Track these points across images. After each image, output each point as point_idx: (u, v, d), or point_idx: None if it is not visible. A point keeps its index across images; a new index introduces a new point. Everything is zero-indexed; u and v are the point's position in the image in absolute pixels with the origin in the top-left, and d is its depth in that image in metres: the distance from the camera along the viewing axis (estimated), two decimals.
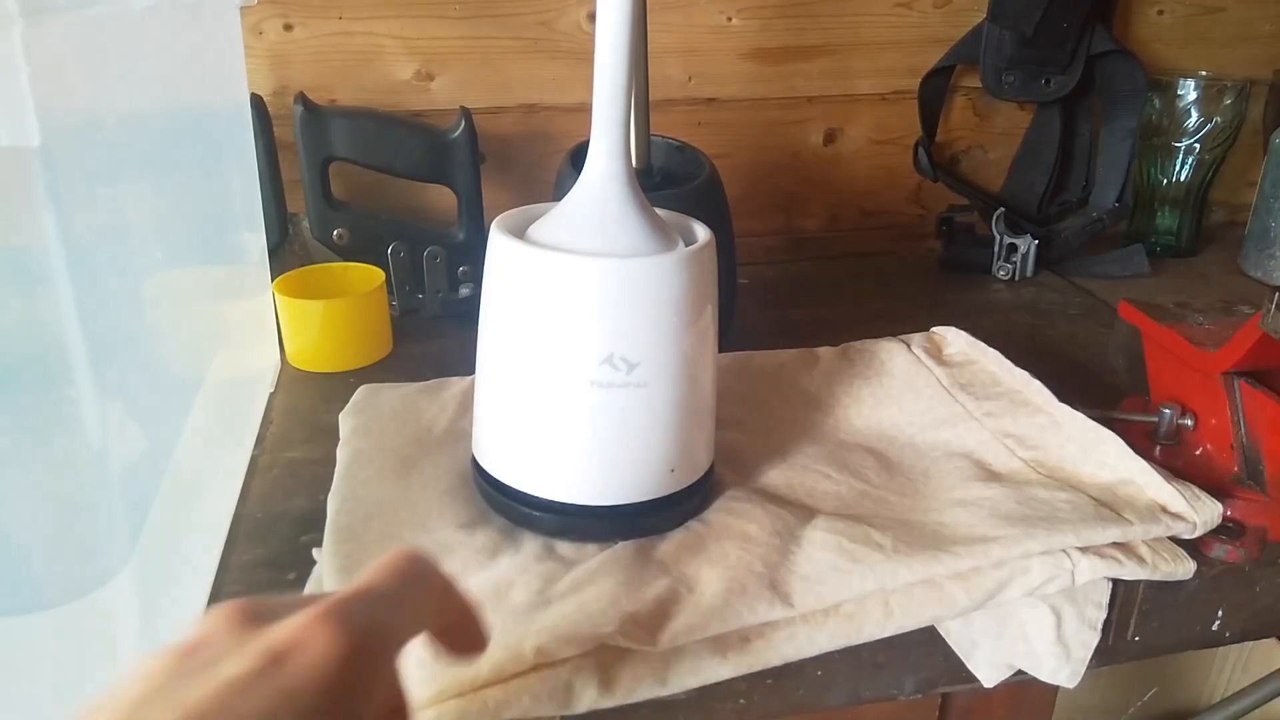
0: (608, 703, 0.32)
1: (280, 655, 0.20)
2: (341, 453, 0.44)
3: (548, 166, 0.72)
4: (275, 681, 0.20)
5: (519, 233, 0.38)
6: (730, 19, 0.73)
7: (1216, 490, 0.40)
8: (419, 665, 0.31)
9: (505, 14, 0.69)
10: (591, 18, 0.69)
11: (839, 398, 0.50)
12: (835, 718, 0.44)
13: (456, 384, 0.50)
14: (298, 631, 0.21)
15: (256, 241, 0.56)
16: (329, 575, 0.36)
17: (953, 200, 0.79)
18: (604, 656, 0.32)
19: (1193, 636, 0.41)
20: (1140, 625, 0.40)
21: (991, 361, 0.51)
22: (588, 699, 0.32)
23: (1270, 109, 0.81)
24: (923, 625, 0.36)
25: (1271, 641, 0.62)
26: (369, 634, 0.22)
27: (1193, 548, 0.39)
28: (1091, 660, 0.37)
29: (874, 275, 0.77)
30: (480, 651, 0.27)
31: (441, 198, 0.68)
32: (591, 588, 0.35)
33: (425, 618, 0.24)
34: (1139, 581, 0.38)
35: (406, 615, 0.24)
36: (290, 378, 0.56)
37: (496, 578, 0.36)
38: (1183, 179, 0.78)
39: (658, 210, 0.39)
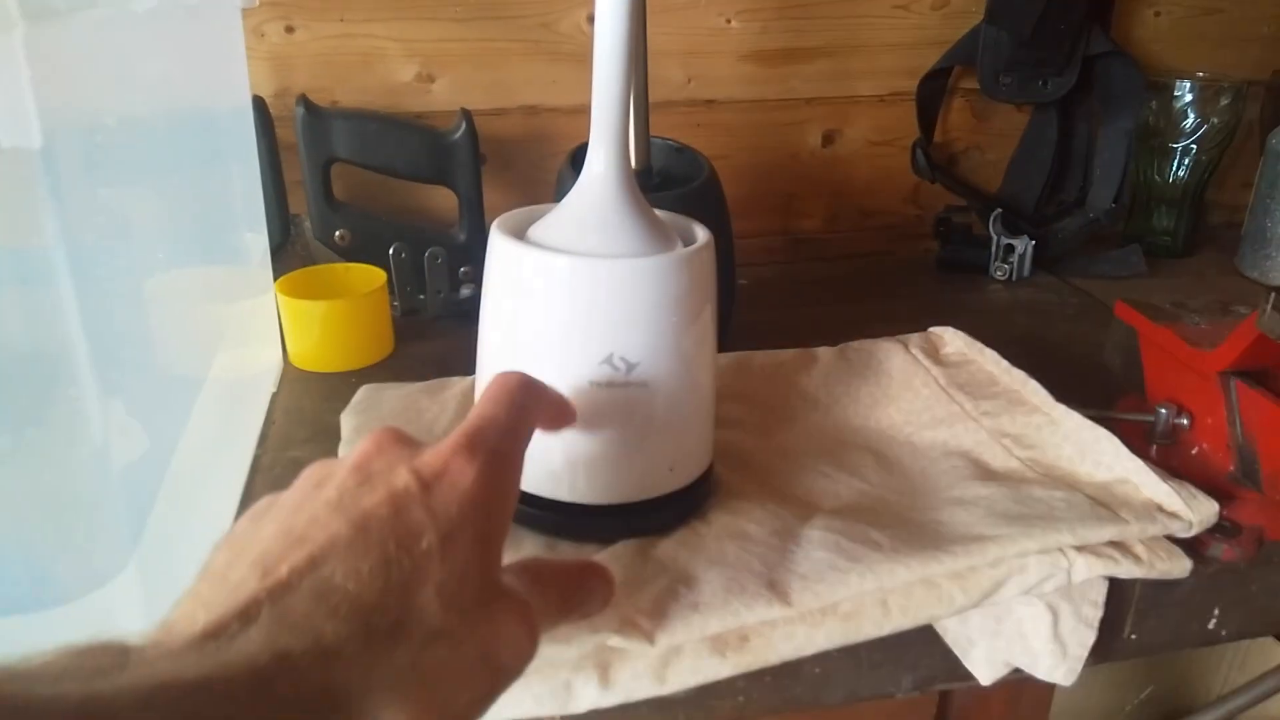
0: (607, 701, 0.33)
1: (430, 479, 0.24)
2: (343, 452, 0.44)
3: (548, 168, 0.73)
4: (428, 500, 0.24)
5: (519, 233, 0.38)
6: (729, 21, 0.73)
7: (1213, 489, 0.40)
8: None
9: (506, 16, 0.69)
10: (591, 19, 0.69)
11: (837, 397, 0.50)
12: (833, 715, 0.44)
13: (457, 384, 0.51)
14: (442, 459, 0.25)
15: (258, 242, 0.56)
16: None
17: (950, 201, 0.80)
18: (603, 656, 0.33)
19: (1189, 635, 0.42)
20: (1137, 624, 0.40)
21: (989, 361, 0.51)
22: (587, 698, 0.32)
23: (1267, 110, 0.82)
24: (920, 624, 0.36)
25: (1268, 640, 0.62)
26: (494, 459, 0.26)
27: (1189, 546, 0.39)
28: (1088, 658, 0.38)
29: (872, 275, 0.77)
30: (571, 424, 0.34)
31: (442, 199, 0.68)
32: None
33: (531, 433, 0.29)
34: (1135, 580, 0.38)
35: (520, 438, 0.28)
36: (292, 378, 0.56)
37: None
38: (1179, 180, 0.79)
39: (657, 211, 0.39)
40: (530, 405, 0.30)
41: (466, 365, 0.42)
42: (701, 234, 0.39)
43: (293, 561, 0.21)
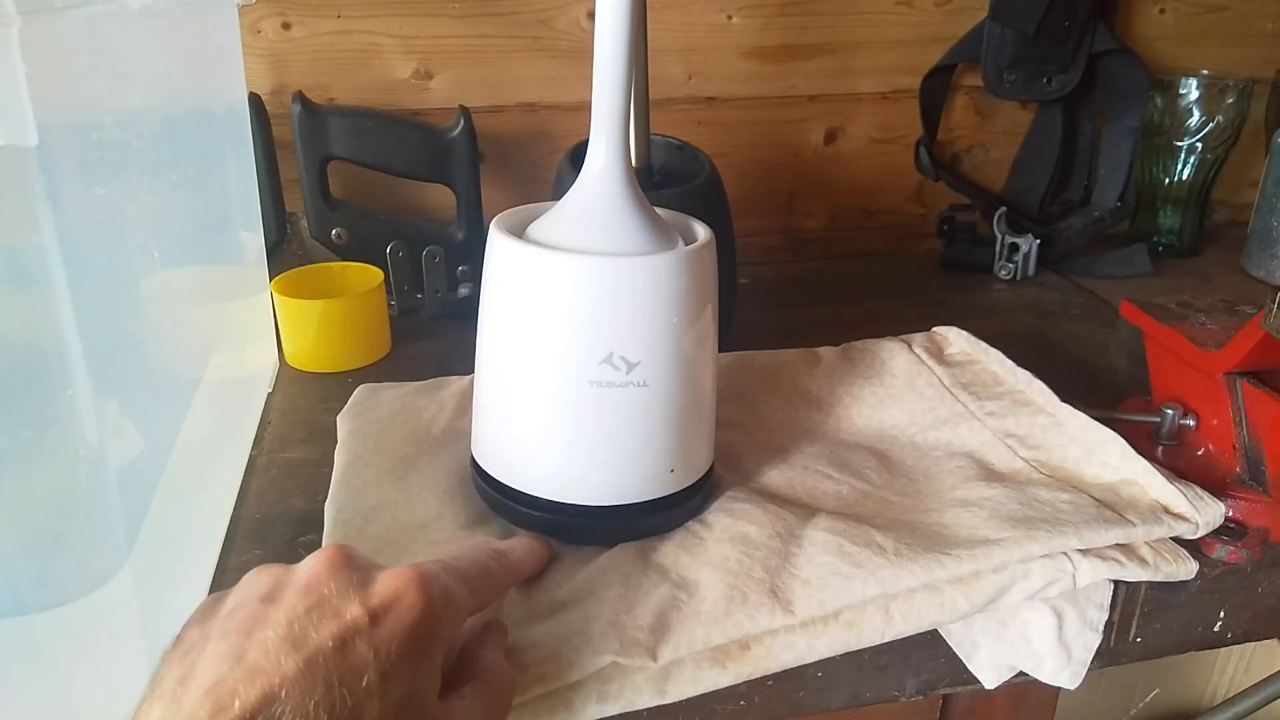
0: (606, 712, 0.32)
1: (378, 611, 0.26)
2: (339, 457, 0.44)
3: (547, 166, 0.72)
4: (373, 635, 0.25)
5: (518, 232, 0.38)
6: (730, 17, 0.72)
7: (1218, 491, 0.40)
8: None
9: (504, 12, 0.69)
10: (591, 16, 0.69)
11: (840, 397, 0.50)
12: (836, 719, 0.44)
13: (455, 383, 0.50)
14: (392, 591, 0.26)
15: (255, 241, 0.56)
16: None
17: (954, 199, 0.79)
18: (603, 672, 0.32)
19: (1194, 638, 0.41)
20: (1142, 626, 0.40)
21: (993, 361, 0.51)
22: (587, 713, 0.32)
23: (1272, 108, 0.81)
24: (922, 630, 0.36)
25: (1273, 642, 0.62)
26: (441, 598, 0.27)
27: (1195, 548, 0.39)
28: (1093, 661, 0.37)
29: (875, 275, 0.77)
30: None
31: (440, 197, 0.68)
32: (591, 599, 0.34)
33: (487, 596, 0.31)
34: (1141, 582, 0.38)
35: (476, 590, 0.30)
36: (288, 378, 0.56)
37: None
38: (1185, 178, 0.78)
39: (657, 210, 0.39)
40: (497, 571, 0.32)
41: (464, 365, 0.42)
42: (702, 232, 0.39)
43: (245, 699, 0.22)
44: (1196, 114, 0.76)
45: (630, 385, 0.36)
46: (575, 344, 0.35)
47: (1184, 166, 0.78)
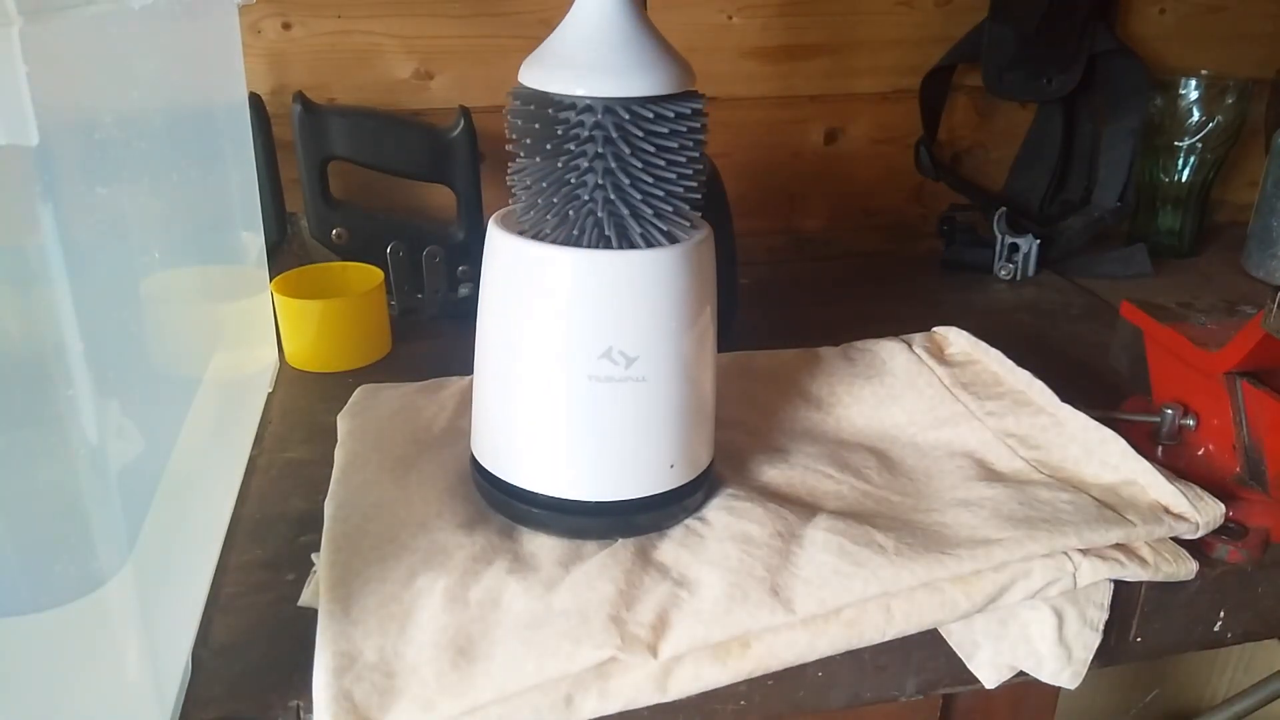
0: (607, 709, 0.32)
1: None
2: (339, 455, 0.44)
3: None
4: None
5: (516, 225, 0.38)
6: (731, 17, 0.72)
7: (1218, 491, 0.40)
8: (420, 685, 0.31)
9: (505, 12, 0.69)
10: None
11: (840, 397, 0.50)
12: (836, 719, 0.44)
13: (455, 383, 0.50)
14: None
15: (255, 241, 0.56)
16: (326, 587, 0.35)
17: (954, 199, 0.79)
18: (603, 666, 0.32)
19: (1194, 637, 0.41)
20: (1142, 626, 0.40)
21: (993, 361, 0.51)
22: (588, 709, 0.32)
23: (1272, 108, 0.81)
24: (923, 629, 0.36)
25: (1273, 642, 0.62)
26: None
27: (1195, 548, 0.39)
28: (1093, 661, 0.37)
29: (875, 275, 0.77)
30: None
31: (441, 197, 0.68)
32: (592, 595, 0.34)
33: None
34: (1141, 582, 0.38)
35: None
36: (289, 378, 0.56)
37: (496, 582, 0.36)
38: (1184, 178, 0.78)
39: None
40: None
41: (464, 365, 0.42)
42: (701, 227, 0.39)
43: None
44: (1196, 114, 0.76)
45: (629, 380, 0.36)
46: (574, 339, 0.35)
47: (1184, 167, 0.78)
